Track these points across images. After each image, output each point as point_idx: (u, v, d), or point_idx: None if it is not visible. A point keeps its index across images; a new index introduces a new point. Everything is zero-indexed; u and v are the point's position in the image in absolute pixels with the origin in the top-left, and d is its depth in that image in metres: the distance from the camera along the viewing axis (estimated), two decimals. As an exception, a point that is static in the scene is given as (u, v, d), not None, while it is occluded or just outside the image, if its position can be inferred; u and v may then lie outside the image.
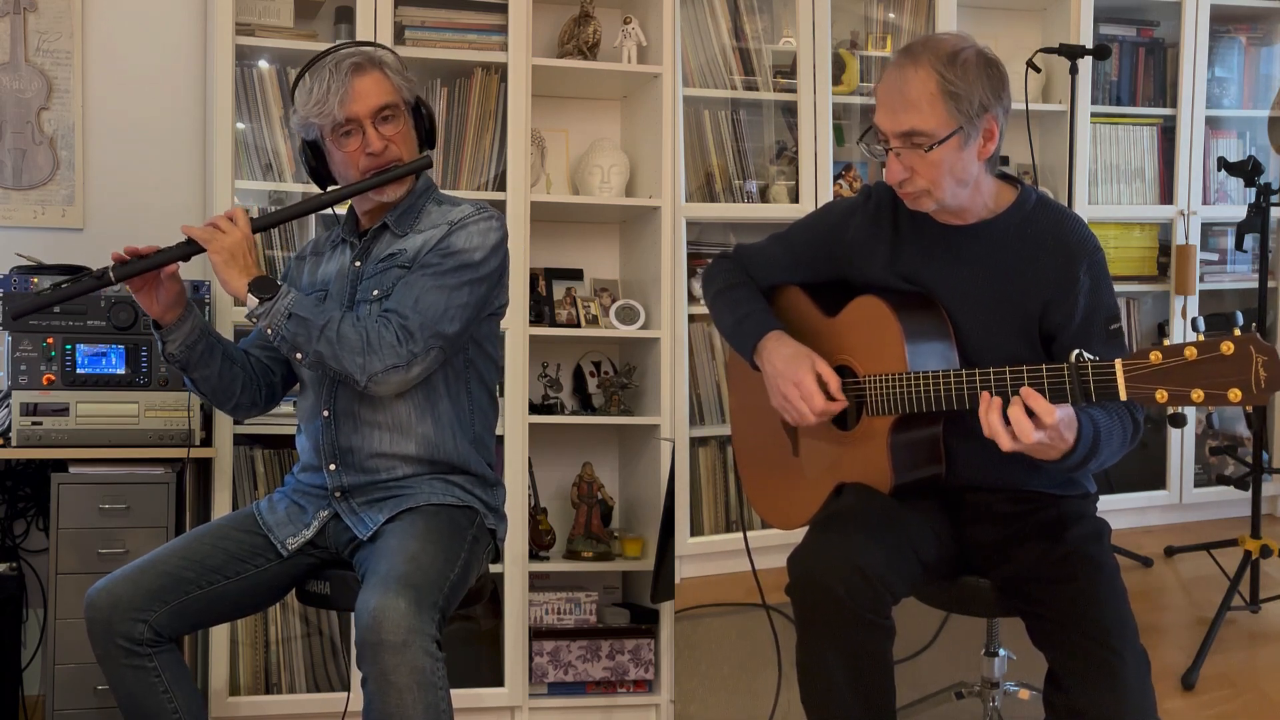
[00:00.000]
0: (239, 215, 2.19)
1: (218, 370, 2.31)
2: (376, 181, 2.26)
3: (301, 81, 2.29)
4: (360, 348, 2.14)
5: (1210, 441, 4.48)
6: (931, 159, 2.02)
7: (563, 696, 3.39)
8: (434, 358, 2.20)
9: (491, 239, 2.26)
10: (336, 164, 2.31)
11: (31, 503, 3.24)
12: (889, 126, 2.04)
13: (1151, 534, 4.30)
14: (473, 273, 2.23)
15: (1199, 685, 3.11)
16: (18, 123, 3.35)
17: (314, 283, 2.40)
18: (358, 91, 2.23)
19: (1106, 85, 4.40)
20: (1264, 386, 1.65)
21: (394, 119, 2.27)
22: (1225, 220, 4.47)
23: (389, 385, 2.17)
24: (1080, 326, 2.08)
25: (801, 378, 2.15)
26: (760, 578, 2.54)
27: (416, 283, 2.21)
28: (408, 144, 2.30)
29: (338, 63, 2.24)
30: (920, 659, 2.89)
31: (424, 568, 2.06)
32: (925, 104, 1.99)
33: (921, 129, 2.00)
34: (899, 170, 2.05)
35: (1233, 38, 4.53)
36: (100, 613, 2.13)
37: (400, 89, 2.29)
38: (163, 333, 2.26)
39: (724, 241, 3.98)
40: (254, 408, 2.42)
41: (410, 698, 1.93)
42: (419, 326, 2.17)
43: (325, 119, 2.24)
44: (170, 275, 2.22)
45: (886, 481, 2.12)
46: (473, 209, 2.30)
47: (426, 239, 2.27)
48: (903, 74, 2.02)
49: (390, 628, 1.93)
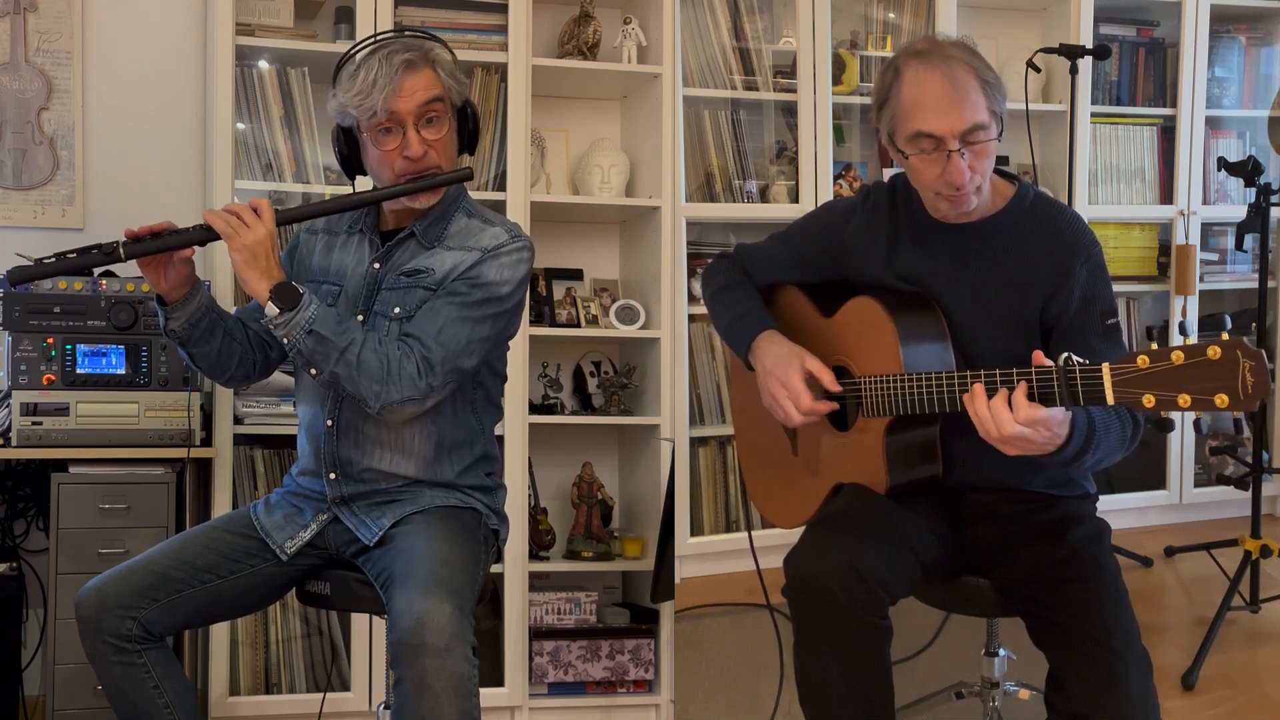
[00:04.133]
0: (265, 208, 2.07)
1: (217, 347, 2.24)
2: (413, 188, 2.16)
3: (348, 63, 2.18)
4: (380, 376, 2.08)
5: (1210, 441, 4.48)
6: (989, 152, 2.02)
7: (563, 696, 3.39)
8: (449, 390, 2.16)
9: (521, 271, 2.20)
10: (370, 159, 2.21)
11: (31, 503, 3.24)
12: (950, 128, 1.99)
13: (1151, 534, 4.30)
14: (498, 306, 2.18)
15: (1199, 685, 3.11)
16: (18, 123, 3.35)
17: (326, 268, 2.30)
18: (406, 88, 2.12)
19: (1106, 85, 4.40)
20: (1251, 392, 1.63)
21: (438, 122, 2.17)
22: (1225, 220, 4.47)
23: (401, 414, 2.14)
24: (1075, 319, 2.07)
25: (789, 377, 2.14)
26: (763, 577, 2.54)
27: (442, 310, 2.14)
28: (448, 151, 2.20)
29: (390, 54, 2.13)
30: (920, 659, 2.89)
31: (458, 571, 2.03)
32: (981, 99, 2.00)
33: (982, 123, 2.00)
34: (967, 171, 2.02)
35: (1233, 38, 4.53)
36: (89, 610, 2.12)
37: (450, 90, 2.19)
38: (167, 309, 2.16)
39: (724, 241, 3.98)
40: (246, 380, 2.36)
41: (447, 704, 1.90)
42: (440, 360, 2.11)
43: (365, 112, 2.13)
44: (183, 258, 2.11)
45: (882, 482, 2.12)
46: (506, 235, 2.21)
47: (457, 262, 2.18)
48: (950, 73, 1.99)
49: (434, 632, 1.90)
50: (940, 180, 2.04)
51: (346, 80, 2.16)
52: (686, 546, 3.76)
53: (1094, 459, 1.96)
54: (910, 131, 2.03)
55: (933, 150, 2.02)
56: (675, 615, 3.44)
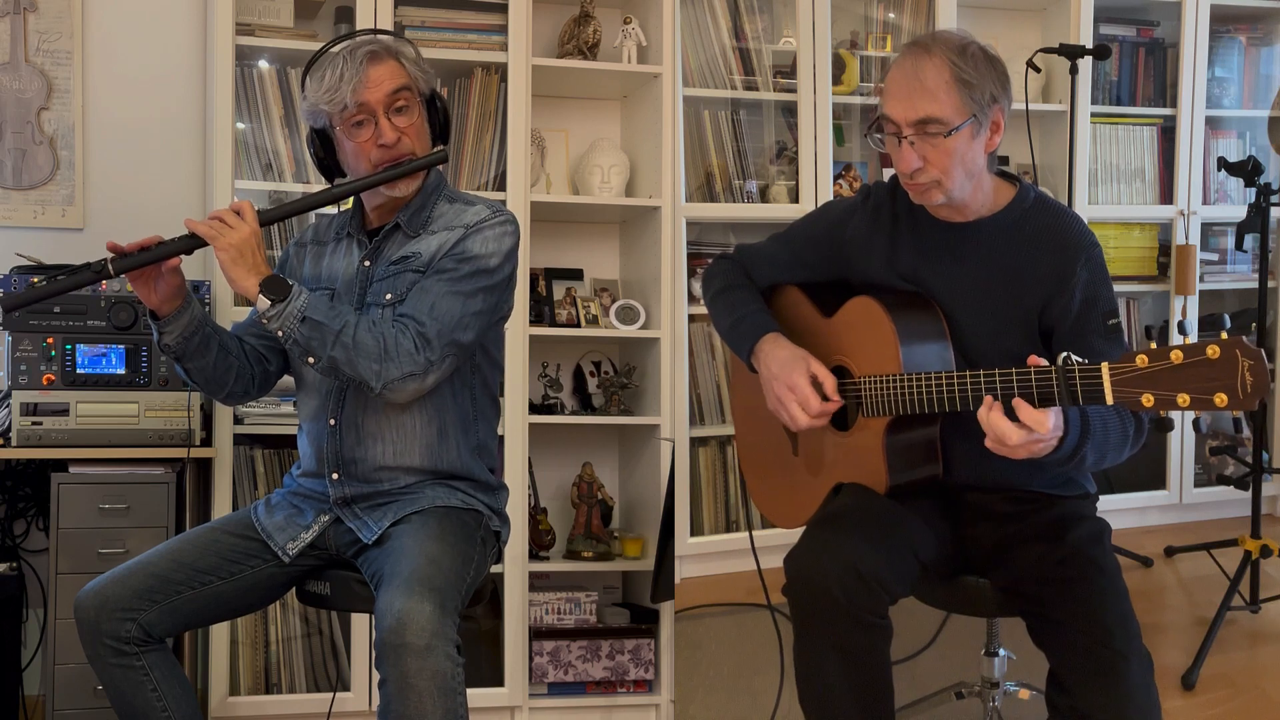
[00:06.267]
0: (246, 209, 2.10)
1: (213, 361, 2.25)
2: (389, 175, 2.20)
3: (315, 66, 2.23)
4: (377, 354, 2.10)
5: (1210, 441, 4.48)
6: (946, 147, 2.01)
7: (563, 696, 3.39)
8: (449, 365, 2.17)
9: (506, 244, 2.23)
10: (347, 155, 2.25)
11: (31, 503, 3.24)
12: (903, 114, 2.02)
13: (1151, 534, 4.30)
14: (488, 279, 2.20)
15: (1199, 685, 3.11)
16: (18, 123, 3.35)
17: (317, 275, 2.34)
18: (372, 79, 2.16)
19: (1106, 85, 4.40)
20: (1250, 391, 1.63)
21: (408, 110, 2.21)
22: (1225, 220, 4.47)
23: (404, 393, 2.14)
24: (1077, 321, 2.08)
25: (796, 381, 2.14)
26: (764, 577, 2.54)
27: (432, 288, 2.17)
28: (421, 137, 2.25)
29: (353, 49, 2.19)
30: (920, 659, 2.89)
31: (444, 570, 2.04)
32: (941, 91, 2.00)
33: (938, 116, 2.00)
34: (913, 159, 2.03)
35: (1233, 38, 4.53)
36: (88, 613, 2.12)
37: (416, 79, 2.23)
38: (160, 324, 2.19)
39: (724, 241, 3.98)
40: (245, 395, 2.37)
41: (430, 702, 1.91)
42: (436, 334, 2.13)
43: (336, 106, 2.17)
44: (171, 269, 2.14)
45: (882, 482, 2.12)
46: (488, 210, 2.25)
47: (442, 242, 2.22)
48: (917, 63, 2.01)
49: (415, 631, 1.91)
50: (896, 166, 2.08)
51: (315, 81, 2.21)
52: (686, 546, 3.76)
53: (1094, 457, 1.96)
54: (878, 113, 2.08)
55: (891, 134, 2.06)
56: (675, 615, 3.44)
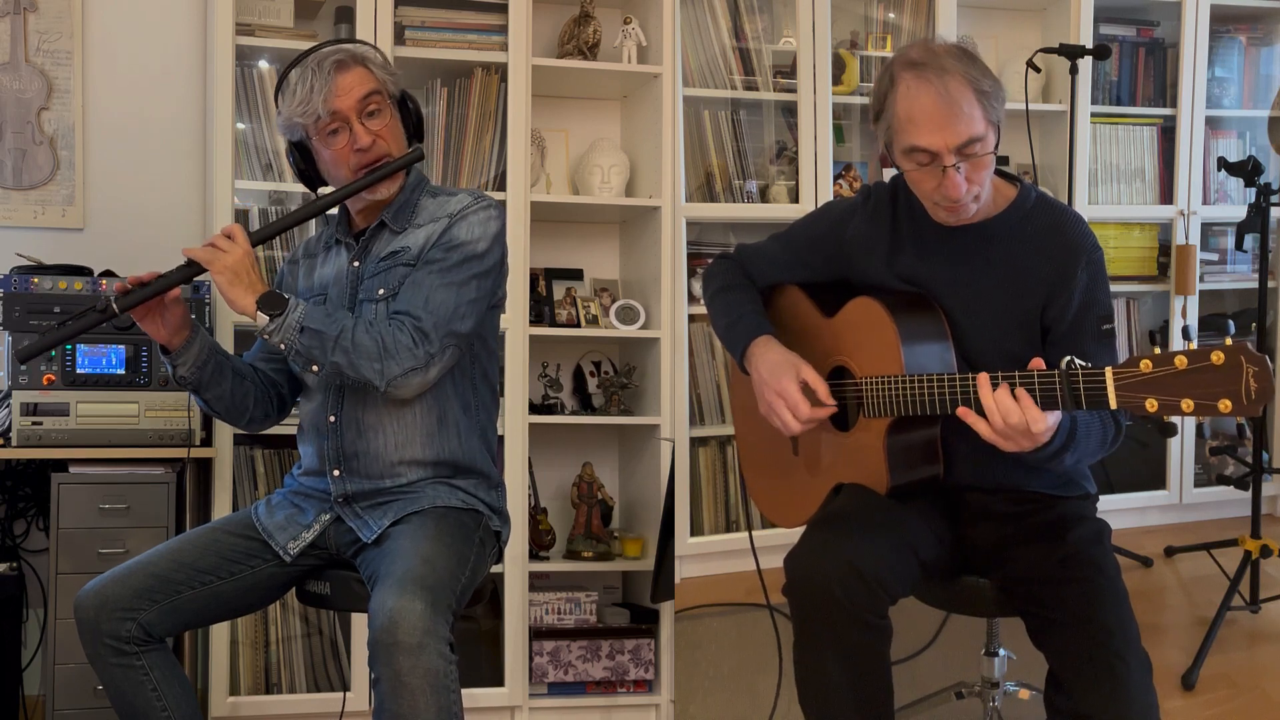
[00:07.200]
0: (237, 232, 2.14)
1: (229, 388, 2.30)
2: (370, 180, 2.23)
3: (285, 82, 2.27)
4: (377, 353, 2.12)
5: (1210, 442, 4.48)
6: (985, 162, 2.01)
7: (563, 696, 3.39)
8: (450, 356, 2.19)
9: (492, 228, 2.26)
10: (326, 163, 2.28)
11: (31, 503, 3.25)
12: (945, 143, 1.98)
13: (1151, 534, 4.30)
14: (479, 265, 2.23)
15: (1199, 685, 3.11)
16: (18, 123, 3.35)
17: (310, 286, 2.37)
18: (341, 87, 2.20)
19: (1106, 85, 4.40)
20: (1255, 398, 1.63)
21: (379, 113, 2.24)
22: (1225, 220, 4.47)
23: (409, 388, 2.16)
24: (1073, 323, 2.08)
25: (785, 386, 2.14)
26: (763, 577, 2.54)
27: (424, 280, 2.20)
28: (396, 138, 2.28)
29: (320, 61, 2.23)
30: (920, 659, 2.89)
31: (438, 570, 2.05)
32: (976, 111, 1.98)
33: (978, 135, 1.98)
34: (963, 184, 2.01)
35: (1233, 38, 4.53)
36: (88, 613, 2.13)
37: (385, 83, 2.27)
38: (172, 357, 2.24)
39: (724, 241, 3.98)
40: (267, 420, 2.41)
41: (423, 700, 1.91)
42: (433, 326, 2.15)
43: (309, 117, 2.22)
44: (174, 299, 2.19)
45: (883, 482, 2.12)
46: (470, 198, 2.28)
47: (429, 234, 2.25)
48: (943, 87, 1.97)
49: (407, 629, 1.91)
50: (937, 192, 2.05)
51: (287, 96, 2.26)
52: (686, 546, 3.76)
53: (1073, 457, 1.98)
54: (906, 145, 2.03)
55: (928, 164, 2.02)
56: (675, 615, 3.44)
